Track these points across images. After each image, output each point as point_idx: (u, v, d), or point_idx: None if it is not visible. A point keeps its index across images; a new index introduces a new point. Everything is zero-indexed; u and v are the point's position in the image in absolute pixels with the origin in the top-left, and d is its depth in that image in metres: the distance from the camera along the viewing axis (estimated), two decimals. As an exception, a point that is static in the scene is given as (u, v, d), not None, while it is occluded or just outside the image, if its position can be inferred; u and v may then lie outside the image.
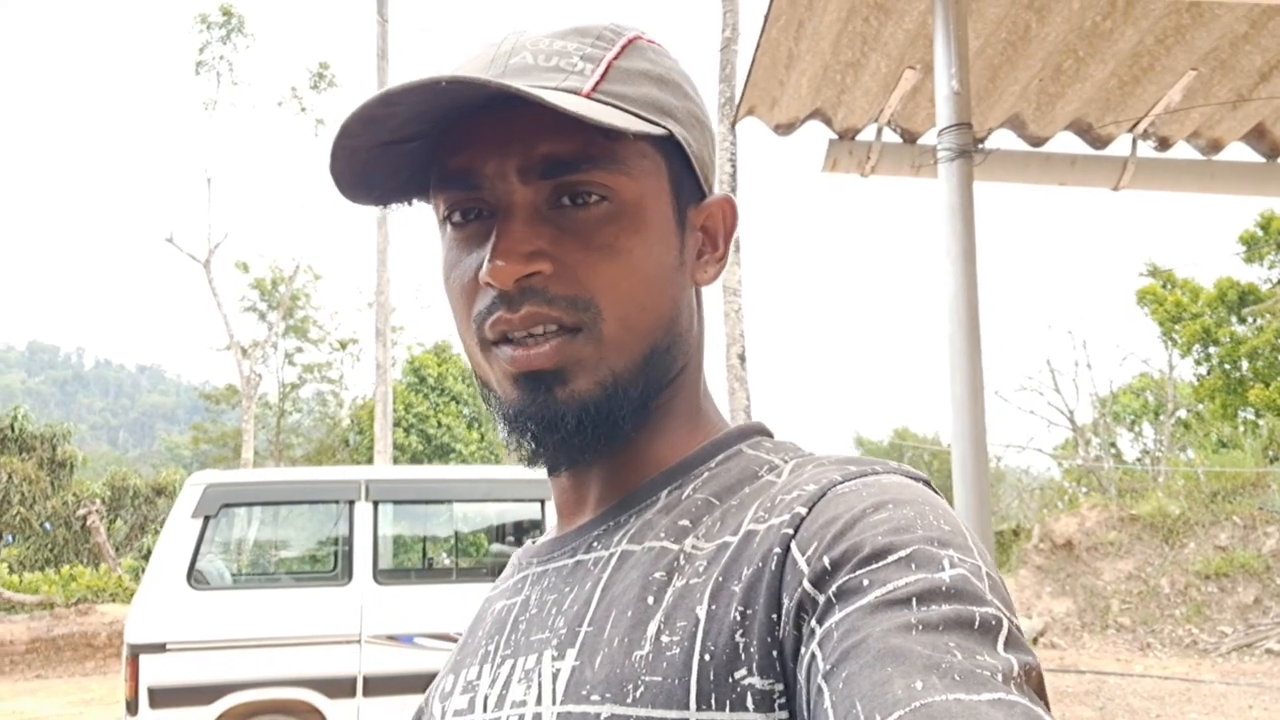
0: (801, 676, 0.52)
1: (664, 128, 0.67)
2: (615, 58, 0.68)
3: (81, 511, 16.29)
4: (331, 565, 7.00)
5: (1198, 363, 22.22)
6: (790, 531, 0.57)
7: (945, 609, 0.49)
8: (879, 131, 3.12)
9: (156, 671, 5.62)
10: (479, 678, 0.69)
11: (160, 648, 5.66)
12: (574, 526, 0.73)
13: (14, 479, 17.57)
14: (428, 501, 7.54)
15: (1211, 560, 13.07)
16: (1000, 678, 0.46)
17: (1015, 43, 2.76)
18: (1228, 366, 21.21)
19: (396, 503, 6.89)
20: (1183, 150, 3.24)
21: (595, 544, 0.69)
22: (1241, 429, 19.71)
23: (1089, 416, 24.24)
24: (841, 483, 0.60)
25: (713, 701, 0.54)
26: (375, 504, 6.32)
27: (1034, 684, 0.48)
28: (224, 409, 33.89)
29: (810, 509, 0.58)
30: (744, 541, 0.59)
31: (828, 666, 0.49)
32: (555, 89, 0.63)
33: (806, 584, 0.54)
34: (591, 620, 0.63)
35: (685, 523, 0.65)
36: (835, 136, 3.16)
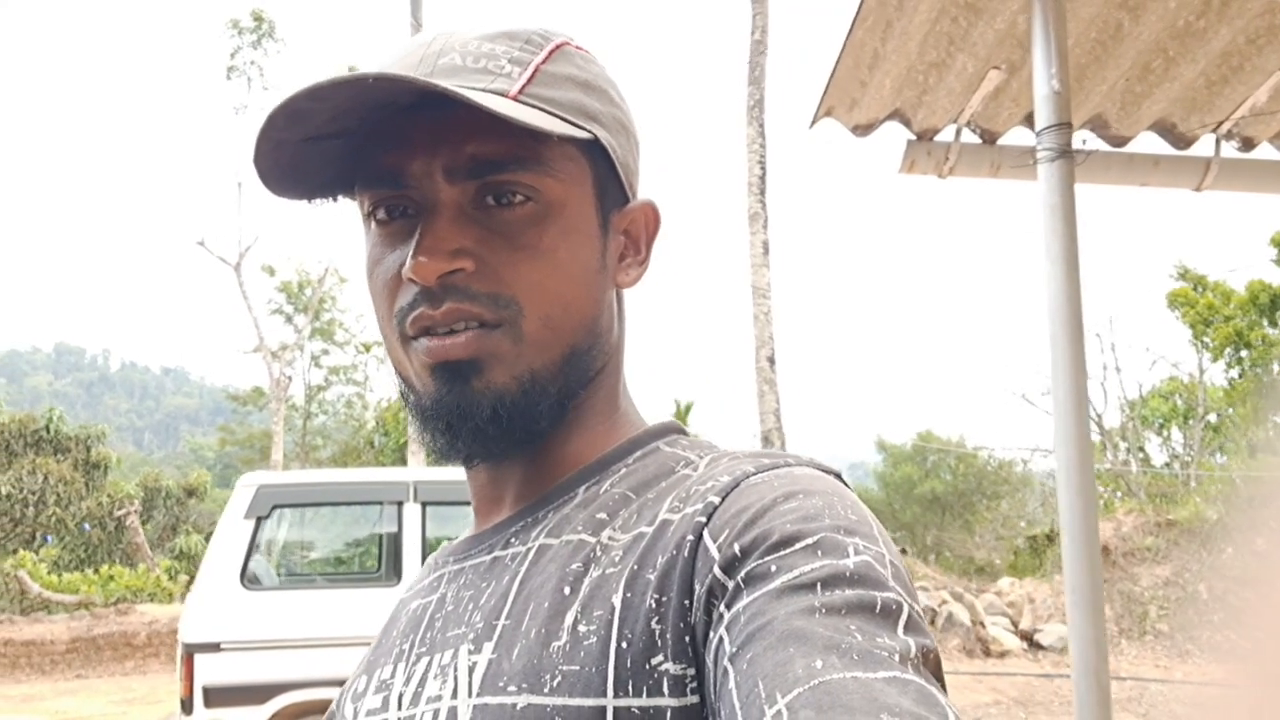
0: (709, 660, 0.53)
1: (589, 131, 0.68)
2: (543, 62, 0.69)
3: (120, 512, 16.44)
4: (381, 566, 7.03)
5: (1229, 366, 21.99)
6: (703, 520, 0.58)
7: (848, 593, 0.51)
8: (958, 132, 3.11)
9: (211, 671, 5.66)
10: (393, 676, 0.70)
11: (215, 647, 5.71)
12: (491, 524, 0.74)
13: (50, 480, 17.74)
14: (474, 502, 7.56)
15: (1250, 566, 12.91)
16: (897, 658, 0.48)
17: (1105, 42, 2.75)
18: (1259, 370, 20.98)
19: (444, 504, 6.92)
20: (1265, 151, 3.21)
21: (513, 540, 0.70)
22: (1273, 433, 19.48)
23: (1117, 420, 24.03)
24: (754, 474, 0.61)
25: (630, 688, 0.55)
26: (424, 505, 6.35)
27: (931, 665, 0.50)
28: (250, 411, 34.12)
29: (723, 498, 0.59)
30: (659, 531, 0.60)
31: (734, 649, 0.50)
32: (482, 90, 0.64)
33: (717, 570, 0.55)
34: (509, 614, 0.63)
35: (602, 516, 0.65)
36: (913, 137, 3.15)
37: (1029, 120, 3.04)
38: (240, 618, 5.82)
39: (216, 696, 5.66)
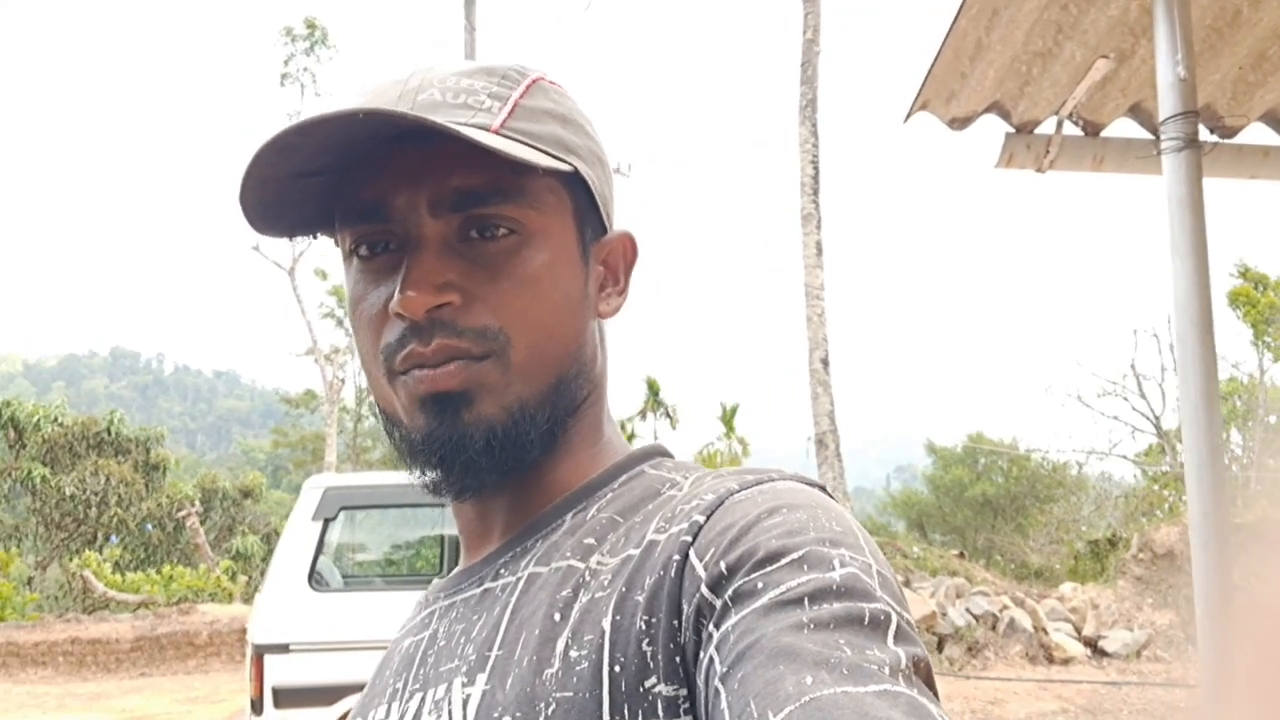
0: (700, 680, 0.53)
1: (569, 164, 0.69)
2: (521, 97, 0.70)
3: (180, 513, 16.68)
4: (443, 567, 7.04)
5: (1290, 366, 21.47)
6: (689, 539, 0.58)
7: (836, 607, 0.51)
8: (1059, 124, 3.01)
9: (281, 672, 5.68)
10: (387, 715, 0.69)
11: (284, 648, 5.73)
12: (480, 557, 0.74)
13: (111, 481, 18.06)
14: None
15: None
16: (888, 670, 0.48)
17: (1222, 29, 2.65)
18: (1322, 370, 20.45)
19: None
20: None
21: (502, 571, 0.70)
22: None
23: (1175, 422, 23.50)
24: (738, 491, 0.61)
25: (625, 712, 0.55)
26: (488, 507, 6.34)
27: (923, 675, 0.49)
28: (301, 413, 34.55)
29: (708, 517, 0.59)
30: (646, 552, 0.60)
31: (724, 668, 0.50)
32: (464, 125, 0.64)
33: (704, 589, 0.55)
34: (501, 644, 0.63)
35: (590, 541, 0.65)
36: (1012, 130, 3.05)
37: (1135, 111, 2.94)
38: (308, 619, 5.84)
39: (286, 697, 5.69)
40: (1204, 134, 3.07)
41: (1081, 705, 9.77)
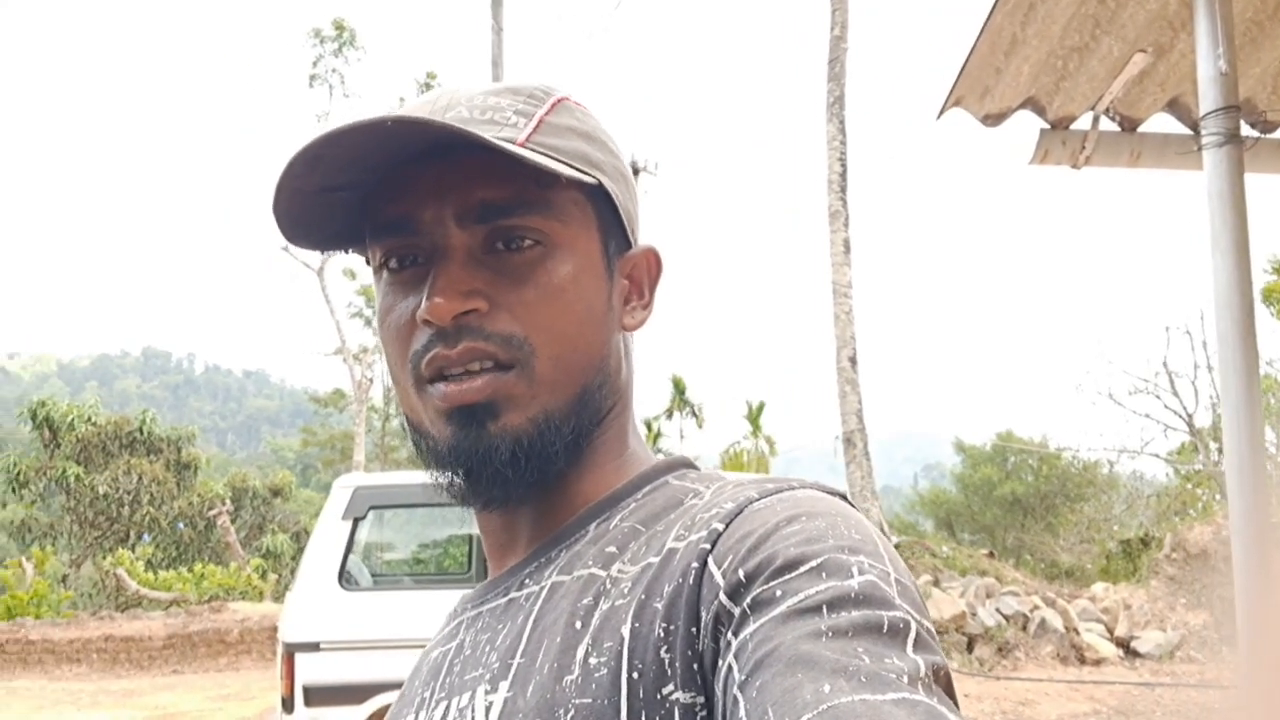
0: (719, 689, 0.53)
1: (593, 177, 0.71)
2: (546, 114, 0.71)
3: (211, 512, 16.85)
4: (471, 566, 7.06)
5: (1325, 362, 21.13)
6: (708, 547, 0.59)
7: (854, 615, 0.51)
8: (1095, 120, 2.97)
9: (311, 670, 5.72)
10: None
11: (314, 647, 5.77)
12: (505, 568, 0.75)
13: (144, 480, 18.25)
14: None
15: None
16: (906, 679, 0.48)
17: (1263, 23, 2.60)
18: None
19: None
20: None
21: (527, 581, 0.71)
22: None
23: (1208, 420, 23.21)
24: (758, 499, 0.61)
25: (643, 719, 0.55)
26: (516, 506, 6.34)
27: (942, 683, 0.49)
28: (330, 412, 34.80)
29: (727, 525, 0.60)
30: (665, 560, 0.61)
31: (743, 677, 0.50)
32: (491, 138, 0.65)
33: (723, 597, 0.55)
34: (524, 652, 0.64)
35: (612, 550, 0.66)
36: (1046, 126, 3.01)
37: (1173, 105, 2.90)
38: (339, 618, 5.87)
39: (317, 696, 5.72)
40: (1244, 129, 3.02)
41: (1114, 706, 9.67)
